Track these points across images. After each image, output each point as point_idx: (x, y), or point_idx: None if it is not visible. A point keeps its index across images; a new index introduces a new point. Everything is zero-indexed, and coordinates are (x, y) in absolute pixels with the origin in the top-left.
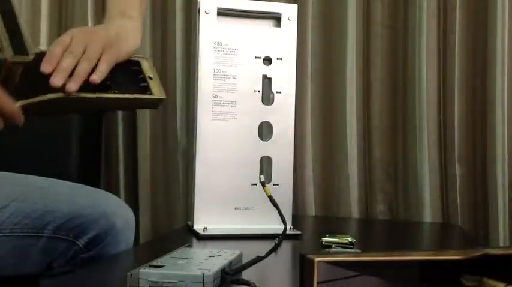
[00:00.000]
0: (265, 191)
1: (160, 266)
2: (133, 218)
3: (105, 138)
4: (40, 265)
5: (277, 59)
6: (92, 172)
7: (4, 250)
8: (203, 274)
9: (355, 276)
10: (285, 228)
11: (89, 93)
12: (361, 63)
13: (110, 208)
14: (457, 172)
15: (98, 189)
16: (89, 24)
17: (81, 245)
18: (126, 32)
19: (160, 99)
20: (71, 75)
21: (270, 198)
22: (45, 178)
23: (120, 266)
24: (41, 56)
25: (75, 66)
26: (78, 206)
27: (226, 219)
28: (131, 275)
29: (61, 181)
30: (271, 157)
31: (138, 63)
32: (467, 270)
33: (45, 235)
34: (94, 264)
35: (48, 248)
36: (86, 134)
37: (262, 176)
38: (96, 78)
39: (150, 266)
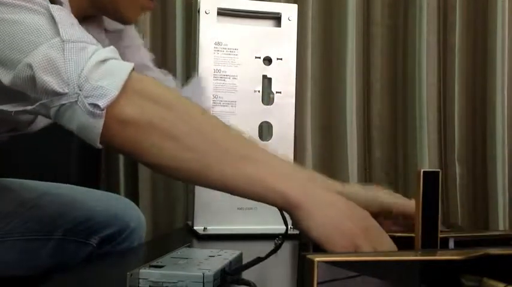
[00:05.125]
0: None
1: (160, 266)
2: (144, 218)
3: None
4: (51, 266)
5: (277, 59)
6: (92, 172)
7: (14, 253)
8: (203, 274)
9: (355, 276)
10: (287, 230)
11: None
12: (361, 63)
13: (122, 210)
14: (457, 171)
15: (109, 193)
16: None
17: (94, 244)
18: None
19: None
20: None
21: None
22: (55, 183)
23: (120, 266)
24: None
25: None
26: (90, 210)
27: (226, 219)
28: (131, 275)
29: (72, 186)
30: None
31: None
32: (467, 270)
33: (55, 237)
34: (95, 263)
35: (57, 250)
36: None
37: None
38: None
39: (150, 266)
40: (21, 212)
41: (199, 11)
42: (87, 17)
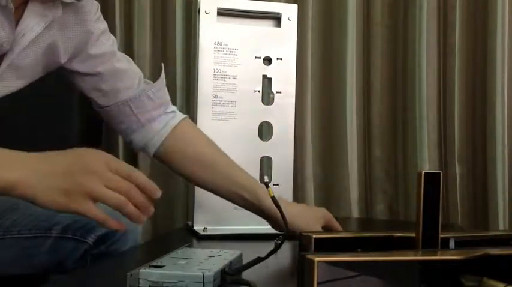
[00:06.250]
0: (269, 192)
1: (160, 266)
2: None
3: (105, 138)
4: (49, 264)
5: (277, 59)
6: None
7: (12, 251)
8: (203, 274)
9: (355, 276)
10: (287, 230)
11: None
12: (361, 63)
13: None
14: (457, 171)
15: None
16: None
17: (90, 243)
18: None
19: None
20: None
21: (273, 199)
22: None
23: (120, 266)
24: None
25: None
26: None
27: (226, 219)
28: (131, 275)
29: None
30: (271, 157)
31: None
32: (467, 270)
33: (53, 235)
34: (95, 264)
35: (56, 248)
36: (86, 134)
37: (266, 177)
38: None
39: (150, 266)
40: (20, 208)
41: (199, 11)
42: None
